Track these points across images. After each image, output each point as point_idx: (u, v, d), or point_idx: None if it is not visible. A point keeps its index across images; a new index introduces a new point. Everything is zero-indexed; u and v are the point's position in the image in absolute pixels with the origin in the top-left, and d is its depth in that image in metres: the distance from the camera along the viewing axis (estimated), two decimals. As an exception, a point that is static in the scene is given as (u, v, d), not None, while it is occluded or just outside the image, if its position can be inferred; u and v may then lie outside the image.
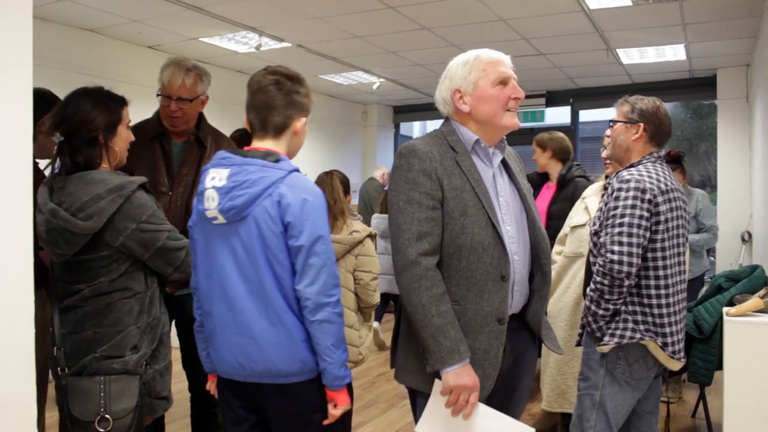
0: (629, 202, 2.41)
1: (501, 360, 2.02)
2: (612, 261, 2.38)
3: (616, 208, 2.44)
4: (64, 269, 2.17)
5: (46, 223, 2.07)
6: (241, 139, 4.37)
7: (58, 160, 2.19)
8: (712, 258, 7.37)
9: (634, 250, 2.38)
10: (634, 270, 2.38)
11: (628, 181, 2.46)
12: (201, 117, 2.99)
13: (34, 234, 1.86)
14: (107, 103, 2.24)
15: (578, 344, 2.75)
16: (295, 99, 2.10)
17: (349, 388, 2.11)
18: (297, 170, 2.06)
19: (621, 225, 2.40)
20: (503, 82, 2.08)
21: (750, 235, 6.93)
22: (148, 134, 2.88)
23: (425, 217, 1.97)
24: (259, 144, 2.11)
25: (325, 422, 2.06)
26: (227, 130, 3.11)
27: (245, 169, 2.00)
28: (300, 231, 1.97)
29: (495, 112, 2.07)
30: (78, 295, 2.14)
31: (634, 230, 2.39)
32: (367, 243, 3.60)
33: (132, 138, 2.36)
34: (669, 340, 2.44)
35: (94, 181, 2.11)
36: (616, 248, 2.39)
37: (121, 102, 2.29)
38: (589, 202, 3.56)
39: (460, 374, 1.93)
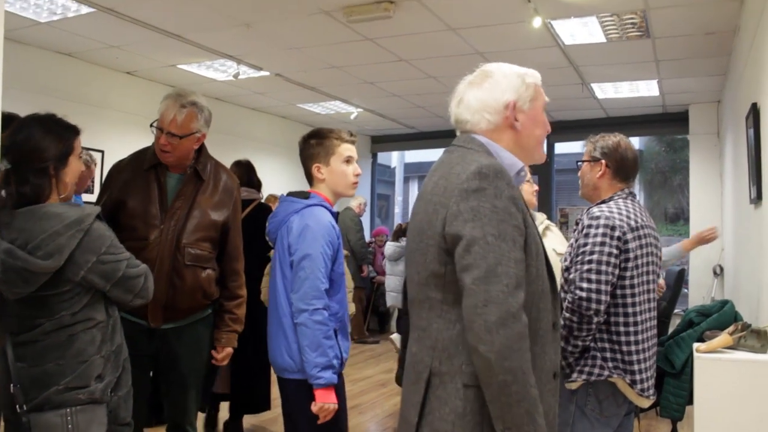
0: (598, 239, 2.42)
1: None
2: (581, 298, 2.38)
3: (585, 245, 2.45)
4: (20, 304, 2.07)
5: (1, 263, 1.97)
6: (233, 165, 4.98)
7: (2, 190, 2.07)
8: (686, 290, 7.43)
9: (603, 287, 2.38)
10: (602, 307, 2.38)
11: (597, 217, 2.47)
12: (201, 149, 2.91)
13: None
14: (60, 132, 2.14)
15: None
16: (306, 153, 2.68)
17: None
18: (317, 205, 2.58)
19: (590, 262, 2.41)
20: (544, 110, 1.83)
21: (722, 269, 7.00)
22: (144, 164, 2.82)
23: (519, 258, 1.57)
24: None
25: (319, 421, 2.44)
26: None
27: (281, 205, 2.66)
28: (295, 250, 2.49)
29: (541, 141, 1.82)
30: (38, 330, 2.06)
31: (603, 267, 2.39)
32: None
33: (82, 168, 2.31)
34: (638, 377, 2.43)
35: (48, 216, 2.03)
36: (584, 285, 2.39)
37: (73, 131, 2.20)
38: None
39: None
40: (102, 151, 6.04)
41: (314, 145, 2.66)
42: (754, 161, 3.74)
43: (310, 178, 2.70)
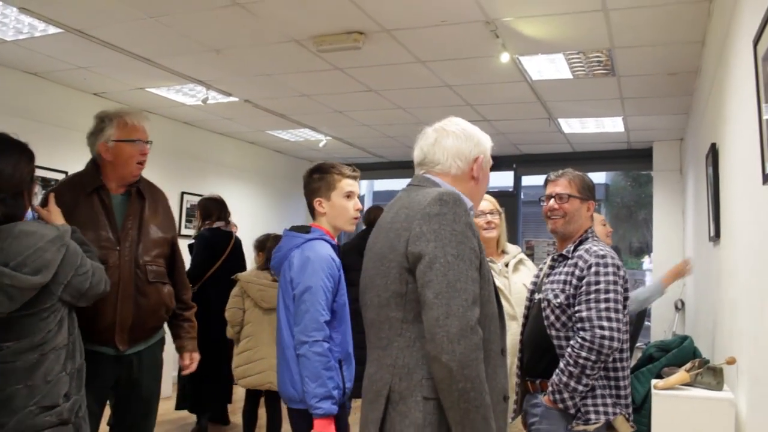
0: (611, 278, 2.45)
1: None
2: (603, 336, 2.39)
3: (597, 282, 2.46)
4: None
5: None
6: (205, 202, 5.61)
7: None
8: (648, 323, 7.49)
9: (622, 326, 2.42)
10: (620, 345, 2.42)
11: (604, 256, 2.49)
12: None
13: None
14: (28, 155, 2.22)
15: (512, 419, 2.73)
16: (309, 187, 2.77)
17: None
18: (318, 239, 2.67)
19: (607, 300, 2.42)
20: None
21: (683, 304, 7.08)
22: (85, 188, 2.76)
23: (475, 278, 1.73)
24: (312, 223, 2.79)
25: None
26: (172, 181, 3.13)
27: (284, 239, 2.76)
28: (297, 283, 2.58)
29: (483, 196, 2.13)
30: (7, 351, 2.04)
31: (620, 306, 2.44)
32: None
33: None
34: (629, 410, 2.50)
35: (25, 234, 2.07)
36: (605, 323, 2.40)
37: (30, 151, 2.27)
38: None
39: None
40: (66, 173, 5.95)
41: (316, 180, 2.76)
42: (713, 200, 3.82)
43: (312, 211, 2.80)
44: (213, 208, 5.50)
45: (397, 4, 4.16)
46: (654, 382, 3.02)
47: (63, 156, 5.84)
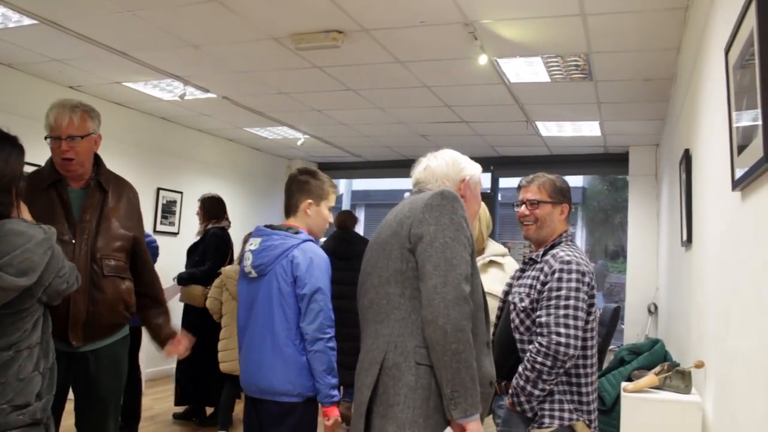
0: (573, 284, 2.45)
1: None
2: (559, 343, 2.39)
3: (559, 289, 2.46)
4: None
5: None
6: (210, 201, 5.83)
7: None
8: (622, 326, 7.56)
9: (579, 333, 2.42)
10: (578, 352, 2.42)
11: (569, 262, 2.49)
12: (99, 161, 2.89)
13: None
14: (19, 150, 2.18)
15: None
16: (303, 187, 2.86)
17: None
18: (310, 240, 2.79)
19: (566, 307, 2.43)
20: None
21: (656, 307, 7.16)
22: (42, 183, 2.74)
23: (468, 261, 1.99)
24: (287, 221, 2.89)
25: None
26: (149, 177, 3.07)
27: (271, 238, 2.78)
28: (305, 283, 2.67)
29: (475, 216, 2.36)
30: None
31: (579, 313, 2.43)
32: None
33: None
34: (593, 416, 2.50)
35: (12, 233, 2.02)
36: (562, 330, 2.40)
37: (21, 147, 2.22)
38: None
39: (479, 423, 1.91)
40: (38, 165, 5.87)
41: (311, 183, 2.87)
42: (686, 205, 3.86)
43: (294, 210, 2.88)
44: (217, 208, 5.80)
45: (376, 4, 4.15)
46: (623, 384, 3.05)
47: (35, 148, 5.70)
